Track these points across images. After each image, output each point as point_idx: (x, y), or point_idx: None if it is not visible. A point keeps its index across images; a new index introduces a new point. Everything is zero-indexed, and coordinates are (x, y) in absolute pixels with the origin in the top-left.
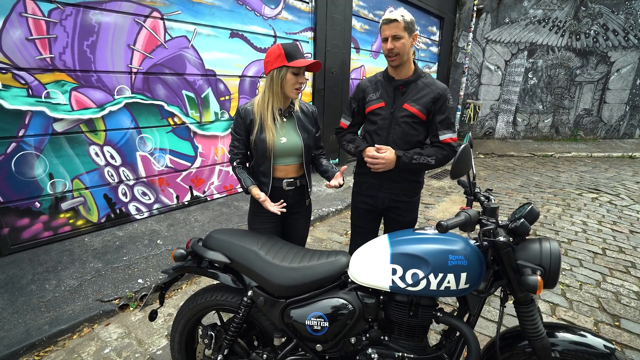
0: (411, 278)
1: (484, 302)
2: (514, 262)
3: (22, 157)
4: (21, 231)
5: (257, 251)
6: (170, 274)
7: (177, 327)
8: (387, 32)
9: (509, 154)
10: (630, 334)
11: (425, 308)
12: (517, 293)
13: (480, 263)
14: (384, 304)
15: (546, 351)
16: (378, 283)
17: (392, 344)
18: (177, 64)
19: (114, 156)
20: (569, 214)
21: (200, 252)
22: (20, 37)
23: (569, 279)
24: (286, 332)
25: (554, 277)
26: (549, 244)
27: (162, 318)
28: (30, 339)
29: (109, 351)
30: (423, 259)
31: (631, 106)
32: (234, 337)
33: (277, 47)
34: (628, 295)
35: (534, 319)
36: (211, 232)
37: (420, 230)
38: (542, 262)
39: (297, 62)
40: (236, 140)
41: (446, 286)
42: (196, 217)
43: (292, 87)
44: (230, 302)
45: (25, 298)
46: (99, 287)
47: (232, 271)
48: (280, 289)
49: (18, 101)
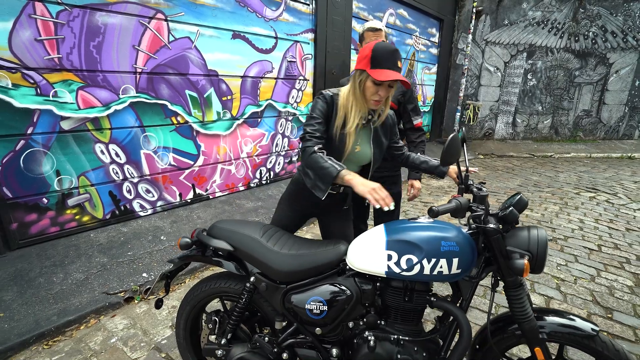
0: (406, 263)
1: (475, 288)
2: (503, 248)
3: (31, 154)
4: (29, 226)
5: (259, 239)
6: (175, 263)
7: (182, 314)
8: (372, 38)
9: (508, 155)
10: (621, 326)
11: (420, 293)
12: (506, 278)
13: (471, 250)
14: (380, 290)
15: (534, 332)
16: (374, 269)
17: (388, 328)
18: (180, 64)
19: (119, 154)
20: (566, 212)
21: (205, 241)
22: (30, 38)
23: (564, 273)
24: (287, 317)
25: (541, 262)
26: (536, 231)
27: (166, 310)
28: (40, 328)
29: (116, 340)
30: (417, 245)
31: (630, 107)
32: (237, 321)
33: (370, 46)
34: (621, 289)
35: (522, 302)
36: (215, 222)
37: (414, 219)
38: (530, 248)
39: (379, 72)
40: (318, 124)
41: (439, 271)
42: (199, 214)
43: (370, 96)
44: (233, 289)
45: (33, 290)
46: (104, 280)
47: (235, 259)
48: (282, 275)
49: (27, 100)
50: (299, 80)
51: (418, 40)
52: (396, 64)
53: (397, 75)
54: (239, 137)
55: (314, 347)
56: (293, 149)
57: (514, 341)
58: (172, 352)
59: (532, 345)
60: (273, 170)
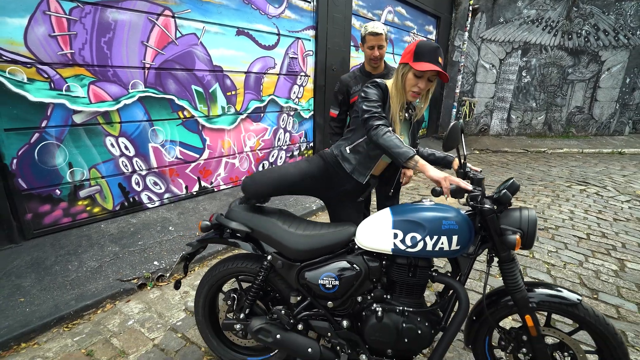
0: (410, 240)
1: (472, 264)
2: (497, 226)
3: (44, 146)
4: (43, 217)
5: (275, 221)
6: (194, 246)
7: (200, 293)
8: (374, 42)
9: (503, 150)
10: (606, 305)
11: (423, 269)
12: (500, 253)
13: (469, 229)
14: (386, 267)
15: (525, 302)
16: (381, 246)
17: (394, 301)
18: (186, 60)
19: (128, 147)
20: (557, 203)
21: (225, 223)
22: (44, 34)
23: (554, 259)
24: (301, 292)
25: (530, 238)
26: (527, 211)
27: (179, 295)
28: (59, 312)
29: (133, 323)
30: (420, 224)
31: (621, 104)
32: (254, 298)
33: (415, 42)
34: (607, 273)
35: (514, 275)
36: (232, 206)
37: (417, 202)
38: (522, 226)
39: (421, 64)
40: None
41: (440, 247)
42: (205, 206)
43: (409, 88)
44: (250, 269)
45: (51, 277)
46: (118, 268)
47: (252, 240)
48: (296, 254)
49: (41, 94)
50: (301, 76)
51: (415, 38)
52: (437, 59)
53: (436, 66)
54: (242, 131)
55: (326, 319)
56: (294, 144)
57: (507, 312)
58: (187, 332)
59: (522, 314)
60: (275, 164)
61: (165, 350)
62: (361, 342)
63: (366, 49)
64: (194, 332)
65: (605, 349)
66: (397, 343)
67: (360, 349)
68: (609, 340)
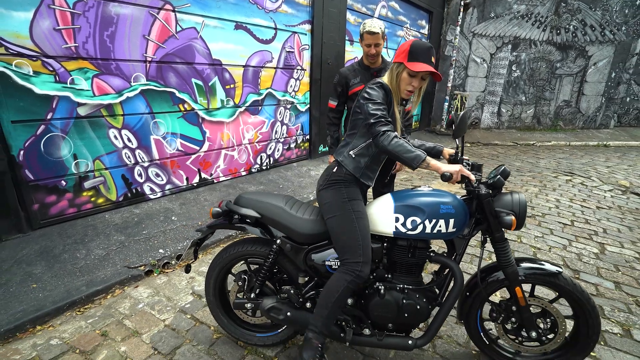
0: (411, 224)
1: (467, 244)
2: (493, 209)
3: (50, 138)
4: (49, 207)
5: (283, 207)
6: (204, 232)
7: (211, 275)
8: (371, 40)
9: (493, 143)
10: (586, 283)
11: (421, 250)
12: (494, 234)
13: (464, 212)
14: (387, 249)
15: (515, 275)
16: (384, 229)
17: (394, 280)
18: (187, 53)
19: (131, 139)
20: (544, 193)
21: (235, 209)
22: (49, 27)
23: (540, 243)
24: (308, 272)
25: (522, 219)
26: (517, 195)
27: (185, 280)
28: (71, 297)
29: (143, 306)
30: (420, 209)
31: (607, 98)
32: (264, 279)
33: (409, 41)
34: (588, 255)
35: (506, 252)
36: (241, 194)
37: (417, 187)
38: (514, 208)
39: (415, 64)
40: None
41: (438, 229)
42: (205, 197)
43: (404, 86)
44: (259, 252)
45: (60, 265)
46: (124, 255)
47: (261, 225)
48: (304, 237)
49: (47, 86)
50: (297, 70)
51: (408, 32)
52: (430, 59)
53: (430, 67)
54: (241, 124)
55: None
56: (291, 136)
57: (497, 286)
58: (196, 313)
59: (513, 286)
60: (273, 156)
61: (176, 330)
62: (364, 317)
63: (364, 45)
64: (203, 313)
65: (581, 314)
66: (397, 318)
67: (364, 324)
68: (584, 306)
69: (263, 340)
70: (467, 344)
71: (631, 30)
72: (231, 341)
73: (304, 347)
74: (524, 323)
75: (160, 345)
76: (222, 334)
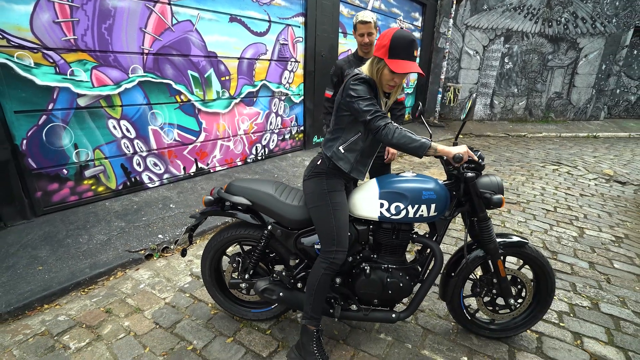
0: (394, 209)
1: (447, 225)
2: (478, 190)
3: (51, 128)
4: (51, 195)
5: (273, 194)
6: (197, 218)
7: (207, 257)
8: (363, 29)
9: (485, 134)
10: (562, 263)
11: (404, 232)
12: (480, 214)
13: (445, 197)
14: (373, 231)
15: (496, 250)
16: (369, 214)
17: (380, 260)
18: (182, 46)
19: (129, 129)
20: (531, 181)
21: (227, 197)
22: (48, 20)
23: (522, 228)
24: (299, 255)
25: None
26: (494, 177)
27: (184, 263)
28: (76, 278)
29: (144, 286)
30: (404, 195)
31: (597, 90)
32: (257, 261)
33: (388, 35)
34: (567, 238)
35: (490, 230)
36: (231, 182)
37: (402, 173)
38: (494, 189)
39: (398, 64)
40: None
41: (420, 214)
42: (202, 186)
43: (385, 82)
44: (252, 235)
45: (64, 249)
46: (125, 240)
47: (252, 211)
48: (293, 223)
49: (47, 78)
50: (291, 62)
51: (402, 24)
52: (412, 54)
53: (413, 67)
54: (236, 115)
55: None
56: (286, 127)
57: (478, 262)
58: (194, 292)
59: (495, 260)
60: (268, 146)
61: (176, 307)
62: (352, 295)
63: (357, 36)
64: (201, 292)
65: (542, 276)
66: (382, 294)
67: (351, 301)
68: (545, 268)
69: (257, 315)
70: (447, 316)
71: (621, 23)
72: (228, 316)
73: (302, 333)
74: (503, 293)
75: (162, 320)
76: (219, 310)
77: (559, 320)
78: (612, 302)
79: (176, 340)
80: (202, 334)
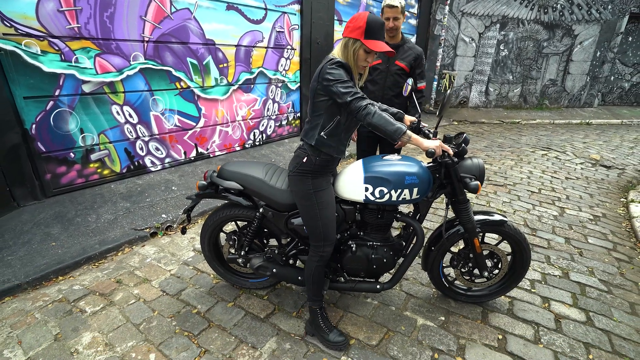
0: (378, 193)
1: (429, 206)
2: (458, 175)
3: (59, 113)
4: (60, 177)
5: (263, 179)
6: (193, 200)
7: (205, 234)
8: (389, 14)
9: (480, 121)
10: (540, 239)
11: (389, 212)
12: (459, 196)
13: (428, 180)
14: (360, 211)
15: (474, 229)
16: (355, 197)
17: (366, 237)
18: (181, 33)
19: (132, 115)
20: (519, 165)
21: (219, 183)
22: (53, 9)
23: (506, 208)
24: (290, 234)
25: (482, 180)
26: (477, 160)
27: (187, 240)
28: (87, 253)
29: (150, 260)
30: (387, 180)
31: (591, 77)
32: (251, 238)
33: (363, 18)
34: (548, 217)
35: (468, 211)
36: (223, 166)
37: (387, 156)
38: (475, 172)
39: (373, 43)
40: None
41: (403, 197)
42: (202, 169)
43: (360, 62)
44: (246, 215)
45: (74, 227)
46: (131, 220)
47: (244, 194)
48: (283, 206)
49: (53, 65)
50: (287, 49)
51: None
52: (384, 35)
53: (385, 46)
54: (234, 101)
55: None
56: (282, 114)
57: (457, 238)
58: (197, 265)
59: (472, 238)
60: (265, 132)
61: (180, 277)
62: (340, 269)
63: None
64: (204, 265)
65: (518, 251)
66: (367, 269)
67: (340, 274)
68: (521, 244)
69: (255, 284)
70: (429, 284)
71: (617, 9)
72: (228, 285)
73: (309, 312)
74: (478, 266)
75: (168, 288)
76: (220, 280)
77: (530, 287)
78: (581, 272)
79: (182, 305)
80: (205, 300)
